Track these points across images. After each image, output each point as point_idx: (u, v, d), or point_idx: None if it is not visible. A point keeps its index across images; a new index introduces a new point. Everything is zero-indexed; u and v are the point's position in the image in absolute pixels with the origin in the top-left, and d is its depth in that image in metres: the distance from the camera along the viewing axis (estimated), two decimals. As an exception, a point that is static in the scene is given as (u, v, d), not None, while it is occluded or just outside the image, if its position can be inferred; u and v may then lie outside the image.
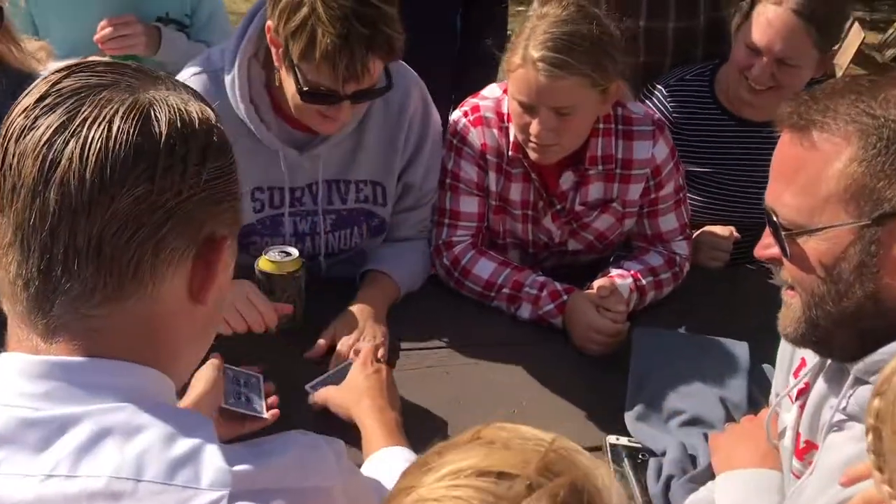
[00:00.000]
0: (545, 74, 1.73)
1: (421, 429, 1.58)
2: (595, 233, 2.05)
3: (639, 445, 1.55)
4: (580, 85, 1.75)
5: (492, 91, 1.99)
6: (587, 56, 1.73)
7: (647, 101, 2.31)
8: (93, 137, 0.77)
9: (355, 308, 1.82)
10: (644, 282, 1.97)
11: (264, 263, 1.76)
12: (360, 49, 1.56)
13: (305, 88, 1.63)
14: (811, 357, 1.26)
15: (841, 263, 1.05)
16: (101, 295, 0.80)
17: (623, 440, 1.56)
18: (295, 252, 1.78)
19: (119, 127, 0.78)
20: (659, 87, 2.32)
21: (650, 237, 2.06)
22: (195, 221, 0.83)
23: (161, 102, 0.82)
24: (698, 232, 2.18)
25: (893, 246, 1.03)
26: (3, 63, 1.77)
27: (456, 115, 2.02)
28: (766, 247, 1.16)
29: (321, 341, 1.76)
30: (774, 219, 1.11)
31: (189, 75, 1.81)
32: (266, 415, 1.53)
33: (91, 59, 0.85)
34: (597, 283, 1.89)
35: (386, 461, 1.33)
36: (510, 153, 1.94)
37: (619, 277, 1.94)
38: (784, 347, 1.40)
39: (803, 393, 1.26)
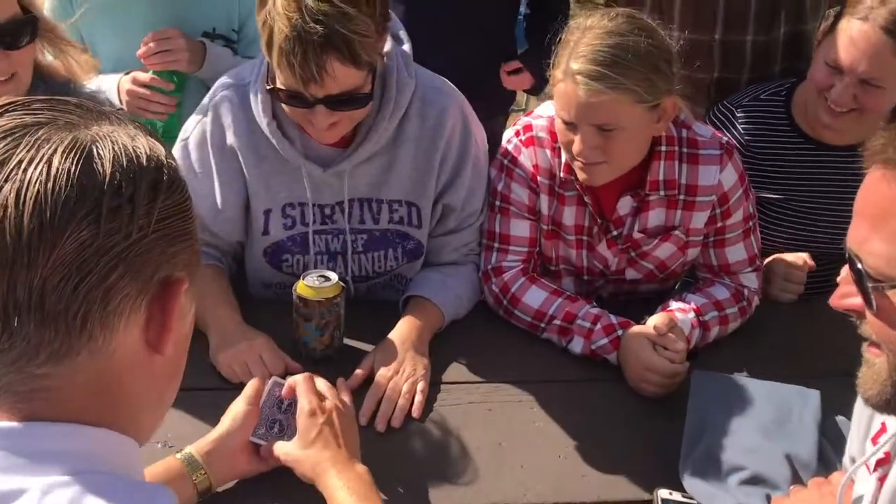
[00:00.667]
0: (584, 89, 1.63)
1: (459, 473, 1.50)
2: (655, 262, 1.92)
3: (693, 503, 1.42)
4: (623, 101, 1.63)
5: (546, 109, 1.88)
6: (632, 70, 1.61)
7: (719, 122, 2.16)
8: (30, 180, 0.70)
9: (396, 337, 1.73)
10: (707, 317, 1.83)
11: (302, 288, 1.68)
12: (312, 48, 1.48)
13: (269, 87, 1.59)
14: (894, 423, 1.12)
15: None
16: (46, 352, 0.73)
17: (676, 495, 1.43)
18: (334, 277, 1.70)
19: (58, 168, 0.71)
20: (731, 107, 2.17)
21: (716, 268, 1.92)
22: (148, 265, 0.76)
23: (104, 139, 0.75)
24: (769, 259, 2.03)
25: None
26: (47, 75, 1.74)
27: (507, 134, 1.91)
28: (846, 296, 1.03)
29: (359, 371, 1.67)
30: (859, 266, 0.98)
31: (218, 90, 1.78)
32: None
33: (26, 97, 0.77)
34: (654, 318, 1.76)
35: None
36: (562, 174, 1.83)
37: (680, 312, 1.80)
38: (863, 406, 1.25)
39: (883, 464, 1.12)
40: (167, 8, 2.09)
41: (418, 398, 1.63)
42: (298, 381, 1.44)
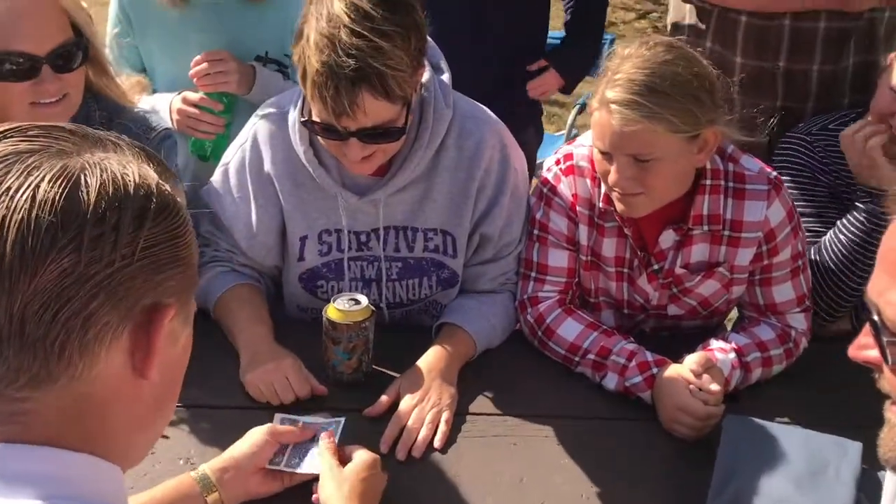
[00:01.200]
0: (618, 118, 1.59)
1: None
2: (698, 299, 1.86)
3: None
4: (658, 130, 1.59)
5: (588, 138, 1.85)
6: (669, 99, 1.57)
7: (792, 151, 2.07)
8: (15, 207, 0.71)
9: (423, 365, 1.71)
10: (749, 358, 1.76)
11: (332, 311, 1.69)
12: (345, 82, 1.48)
13: (303, 119, 1.60)
14: None
15: None
16: (25, 377, 0.73)
17: (700, 544, 1.37)
18: (364, 300, 1.69)
19: (44, 195, 0.71)
20: (801, 135, 2.07)
21: (763, 307, 1.85)
22: (131, 293, 0.76)
23: (94, 167, 0.75)
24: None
25: None
26: (99, 94, 1.79)
27: (548, 162, 1.89)
28: (864, 347, 0.98)
29: (384, 398, 1.66)
30: (875, 317, 0.93)
31: (258, 117, 1.81)
32: (304, 470, 1.45)
33: (22, 123, 0.78)
34: (691, 357, 1.70)
35: None
36: (601, 205, 1.79)
37: (720, 351, 1.74)
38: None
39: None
40: (222, 31, 2.14)
41: (442, 428, 1.61)
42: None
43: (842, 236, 1.90)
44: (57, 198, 0.72)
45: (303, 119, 1.64)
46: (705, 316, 1.90)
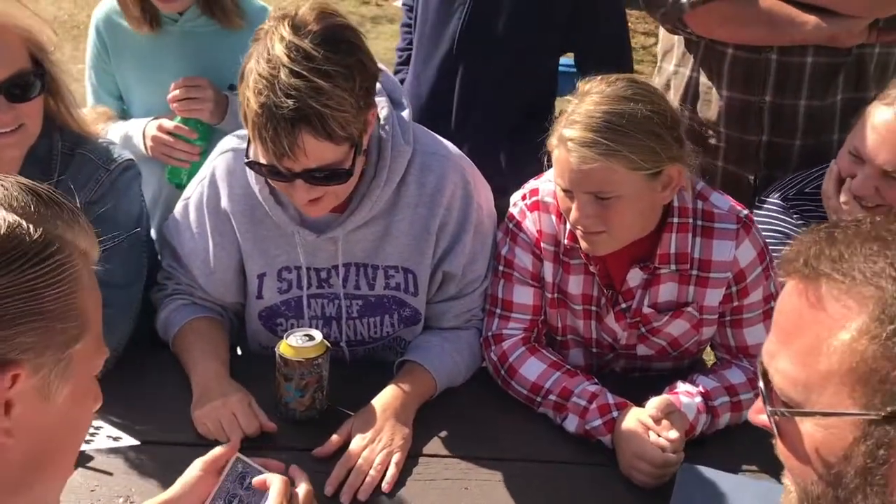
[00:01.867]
0: (576, 156, 1.56)
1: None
2: (668, 338, 1.80)
3: None
4: (616, 168, 1.55)
5: (552, 173, 1.80)
6: (627, 136, 1.53)
7: (770, 217, 1.99)
8: None
9: (378, 404, 1.68)
10: (717, 402, 1.70)
11: (284, 347, 1.66)
12: (284, 123, 1.45)
13: (249, 159, 1.58)
14: None
15: (842, 464, 0.80)
16: None
17: None
18: (319, 336, 1.66)
19: None
20: (775, 203, 2.00)
21: (734, 349, 1.80)
22: None
23: None
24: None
25: None
26: (62, 124, 1.79)
27: (514, 197, 1.85)
28: (759, 411, 0.93)
29: (334, 438, 1.63)
30: (761, 385, 0.89)
31: (218, 153, 1.79)
32: None
33: None
34: (653, 401, 1.64)
35: None
36: (566, 242, 1.75)
37: (686, 395, 1.68)
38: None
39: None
40: (197, 60, 2.13)
41: (391, 471, 1.57)
42: (275, 482, 1.34)
43: None
44: None
45: (247, 160, 1.62)
46: (675, 357, 1.85)
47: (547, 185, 1.80)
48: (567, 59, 2.66)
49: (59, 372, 0.79)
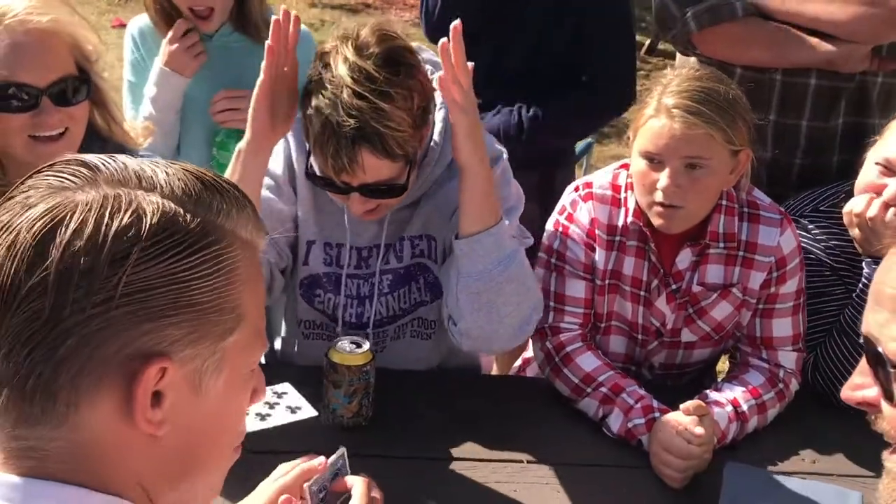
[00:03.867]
0: (681, 121, 1.68)
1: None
2: (712, 323, 1.88)
3: None
4: (716, 137, 1.69)
5: (608, 168, 1.92)
6: (722, 110, 1.70)
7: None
8: (2, 246, 0.71)
9: None
10: (745, 407, 1.77)
11: (334, 354, 1.69)
12: (345, 142, 1.53)
13: (310, 170, 1.65)
14: None
15: None
16: (11, 417, 0.73)
17: None
18: (367, 344, 1.71)
19: (24, 236, 0.71)
20: (795, 219, 1.99)
21: (758, 340, 1.88)
22: (111, 340, 0.71)
23: (83, 206, 0.72)
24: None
25: None
26: (103, 135, 1.81)
27: (566, 191, 1.93)
28: (859, 387, 0.94)
29: None
30: (879, 349, 0.89)
31: (296, 122, 1.80)
32: None
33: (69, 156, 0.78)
34: (688, 402, 1.71)
35: None
36: (630, 220, 1.82)
37: (716, 405, 1.75)
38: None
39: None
40: (230, 74, 2.19)
41: None
42: (357, 483, 1.31)
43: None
44: (32, 240, 0.71)
45: (308, 171, 1.67)
46: (715, 342, 1.92)
47: (602, 178, 1.88)
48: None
49: (212, 365, 0.77)
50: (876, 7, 2.07)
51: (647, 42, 8.72)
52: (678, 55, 2.44)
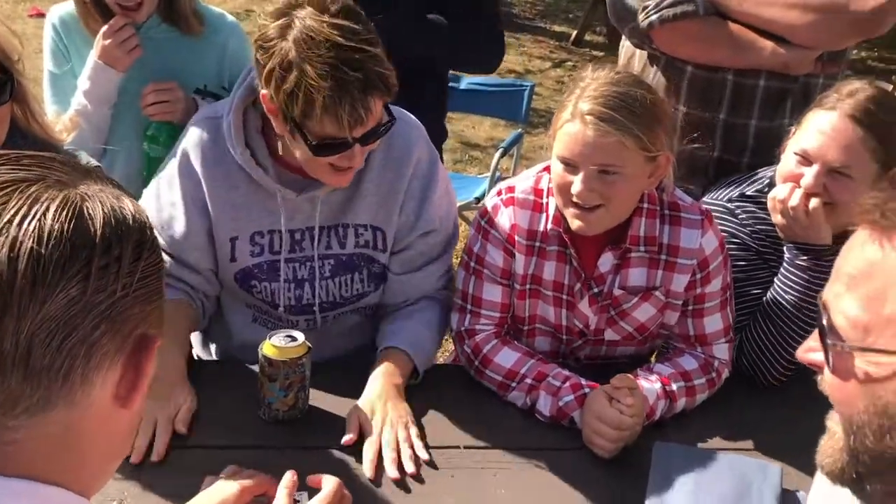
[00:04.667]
0: (594, 128, 1.67)
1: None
2: (634, 323, 1.92)
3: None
4: (627, 144, 1.68)
5: (531, 171, 1.93)
6: (637, 117, 1.67)
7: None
8: (22, 236, 0.72)
9: (372, 390, 1.76)
10: (674, 387, 1.83)
11: (268, 348, 1.69)
12: (358, 94, 1.59)
13: (314, 143, 1.65)
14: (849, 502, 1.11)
15: (891, 395, 0.90)
16: (24, 404, 0.74)
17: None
18: (301, 337, 1.71)
19: (51, 225, 0.73)
20: (721, 204, 2.07)
21: (692, 338, 1.93)
22: (128, 322, 0.78)
23: (93, 198, 0.78)
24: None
25: None
26: (27, 132, 1.77)
27: (490, 195, 1.95)
28: (810, 350, 1.01)
29: (351, 426, 1.69)
30: (824, 321, 0.96)
31: (192, 125, 1.87)
32: None
33: (15, 151, 0.80)
34: (618, 376, 1.76)
35: None
36: (550, 226, 1.85)
37: (646, 381, 1.81)
38: (820, 485, 1.24)
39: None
40: (159, 65, 2.16)
41: (418, 442, 1.68)
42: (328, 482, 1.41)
43: (787, 296, 1.93)
44: (65, 228, 0.74)
45: (313, 144, 1.66)
46: (639, 342, 1.96)
47: (524, 182, 1.90)
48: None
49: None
50: (833, 15, 2.13)
51: (574, 33, 8.86)
52: (624, 47, 2.47)
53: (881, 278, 0.90)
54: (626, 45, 2.46)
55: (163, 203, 1.86)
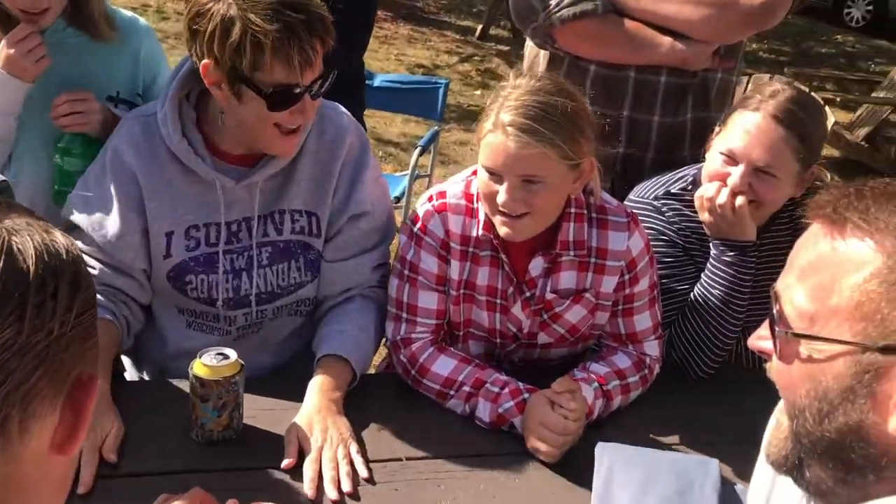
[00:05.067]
0: (514, 140, 1.67)
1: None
2: (566, 326, 1.93)
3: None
4: (549, 155, 1.67)
5: (460, 175, 1.92)
6: (558, 127, 1.67)
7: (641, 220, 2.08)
8: None
9: (311, 406, 1.72)
10: (610, 386, 1.85)
11: (199, 368, 1.62)
12: (304, 34, 1.63)
13: (269, 91, 1.66)
14: (791, 493, 1.14)
15: (830, 381, 0.94)
16: None
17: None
18: (233, 355, 1.65)
19: None
20: (646, 202, 2.10)
21: (623, 337, 1.95)
22: (65, 364, 0.73)
23: (20, 233, 0.72)
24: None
25: (889, 383, 0.91)
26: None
27: (421, 201, 1.93)
28: (760, 338, 1.06)
29: (288, 460, 1.62)
30: (775, 309, 1.01)
31: (120, 124, 1.84)
32: None
33: None
34: (558, 380, 1.76)
35: None
36: (481, 232, 1.84)
37: (584, 381, 1.82)
38: (761, 475, 1.27)
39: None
40: (69, 72, 2.03)
41: (359, 460, 1.64)
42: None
43: (714, 291, 1.98)
44: None
45: (268, 94, 1.66)
46: (571, 343, 1.98)
47: (454, 187, 1.88)
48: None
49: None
50: (726, 9, 2.18)
51: (480, 28, 8.91)
52: (528, 47, 2.49)
53: (829, 271, 0.95)
54: (530, 44, 2.47)
55: (93, 204, 1.80)
